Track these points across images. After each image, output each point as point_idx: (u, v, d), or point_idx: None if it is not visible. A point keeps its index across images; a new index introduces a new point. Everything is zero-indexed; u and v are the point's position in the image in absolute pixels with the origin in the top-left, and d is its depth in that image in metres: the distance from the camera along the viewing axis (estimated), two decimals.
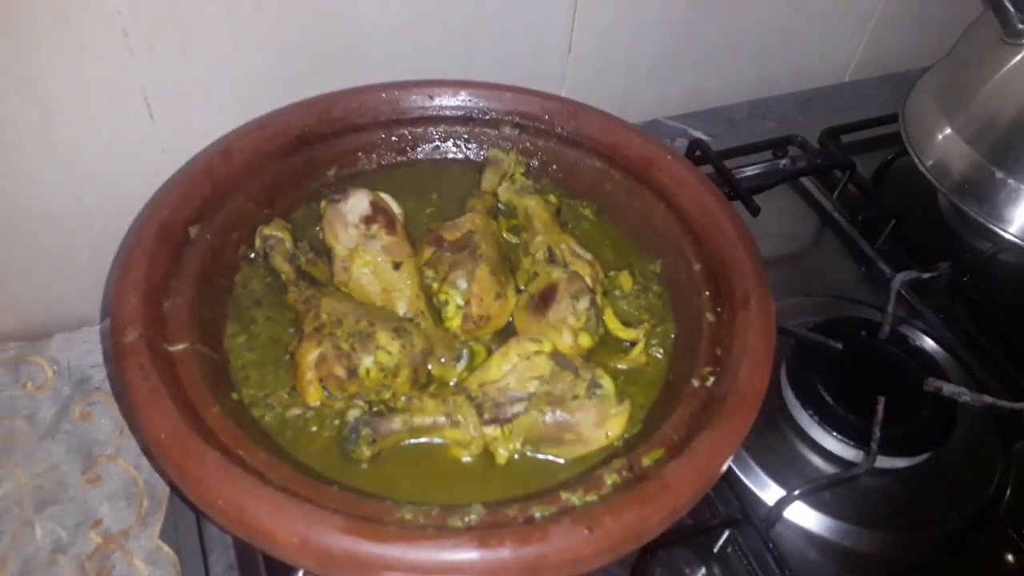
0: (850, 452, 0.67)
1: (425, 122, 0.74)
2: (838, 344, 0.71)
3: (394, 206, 0.67)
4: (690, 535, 0.61)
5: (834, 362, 0.71)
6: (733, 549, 0.62)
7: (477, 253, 0.64)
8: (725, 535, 0.61)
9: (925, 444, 0.67)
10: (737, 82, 1.05)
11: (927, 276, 0.79)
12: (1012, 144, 0.78)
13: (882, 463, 0.65)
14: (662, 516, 0.48)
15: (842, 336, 0.72)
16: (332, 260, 0.64)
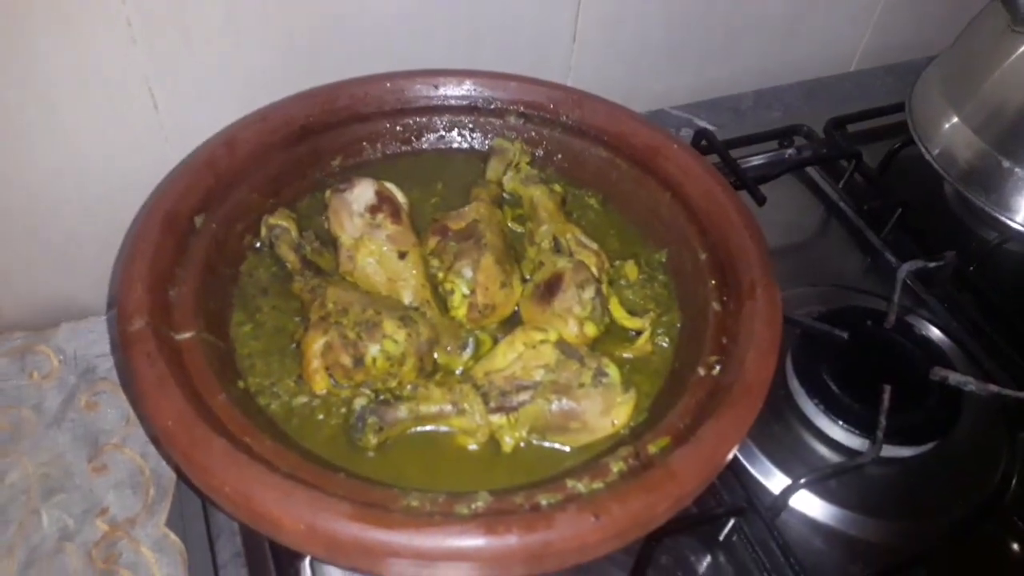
0: (856, 441, 0.67)
1: (430, 112, 0.74)
2: (844, 333, 0.71)
3: (399, 195, 0.67)
4: (696, 523, 0.61)
5: (840, 351, 0.71)
6: (739, 537, 0.62)
7: (482, 242, 0.64)
8: (731, 523, 0.61)
9: (931, 433, 0.67)
10: (742, 71, 1.05)
11: (933, 266, 0.78)
12: (1019, 133, 0.77)
13: (888, 452, 0.65)
14: (668, 504, 0.48)
15: (848, 325, 0.72)
16: (337, 249, 0.64)
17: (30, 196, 0.72)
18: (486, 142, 0.76)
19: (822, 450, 0.68)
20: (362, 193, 0.64)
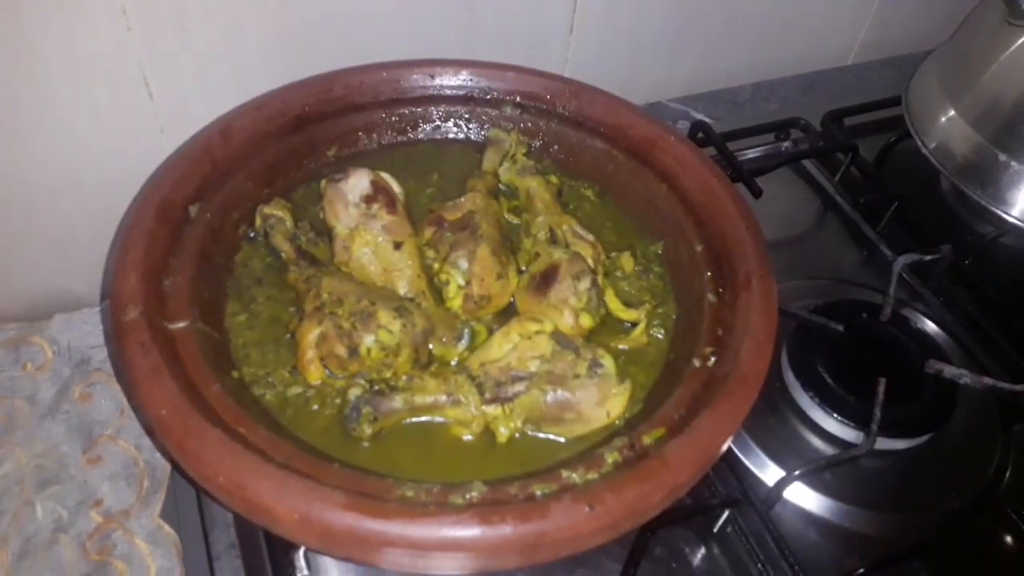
0: (850, 433, 0.67)
1: (426, 102, 0.74)
2: (839, 326, 0.71)
3: (395, 186, 0.67)
4: (690, 515, 0.61)
5: (835, 344, 0.71)
6: (733, 529, 0.62)
7: (478, 233, 0.64)
8: (725, 515, 0.61)
9: (926, 426, 0.67)
10: (740, 64, 1.04)
11: (929, 259, 0.78)
12: (1016, 127, 0.77)
13: (882, 444, 0.65)
14: (662, 494, 0.48)
15: (843, 318, 0.72)
16: (333, 240, 0.64)
17: (24, 187, 0.71)
18: (482, 133, 0.75)
19: (817, 442, 0.68)
20: (357, 183, 0.64)
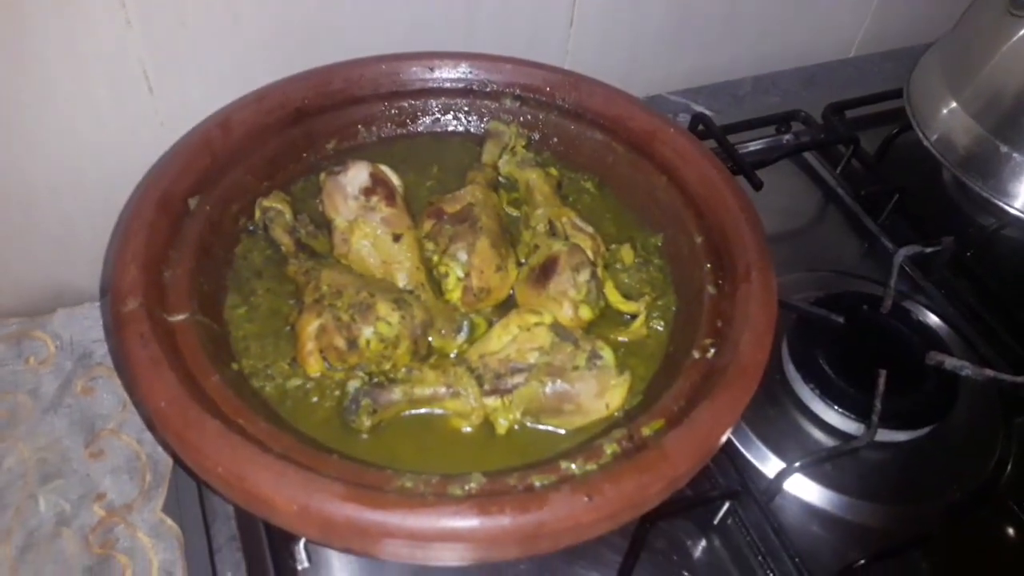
0: (851, 425, 0.67)
1: (425, 94, 0.74)
2: (840, 318, 0.71)
3: (394, 178, 0.66)
4: (690, 506, 0.61)
5: (836, 336, 0.71)
6: (733, 521, 0.62)
7: (477, 225, 0.64)
8: (725, 507, 0.61)
9: (927, 418, 0.67)
10: (741, 57, 1.04)
11: (930, 251, 0.78)
12: (1017, 118, 0.77)
13: (883, 436, 0.65)
14: (661, 485, 0.48)
15: (844, 310, 0.72)
16: (332, 232, 0.64)
17: (25, 182, 0.71)
18: (482, 125, 0.75)
19: (817, 435, 0.68)
20: (356, 175, 0.64)
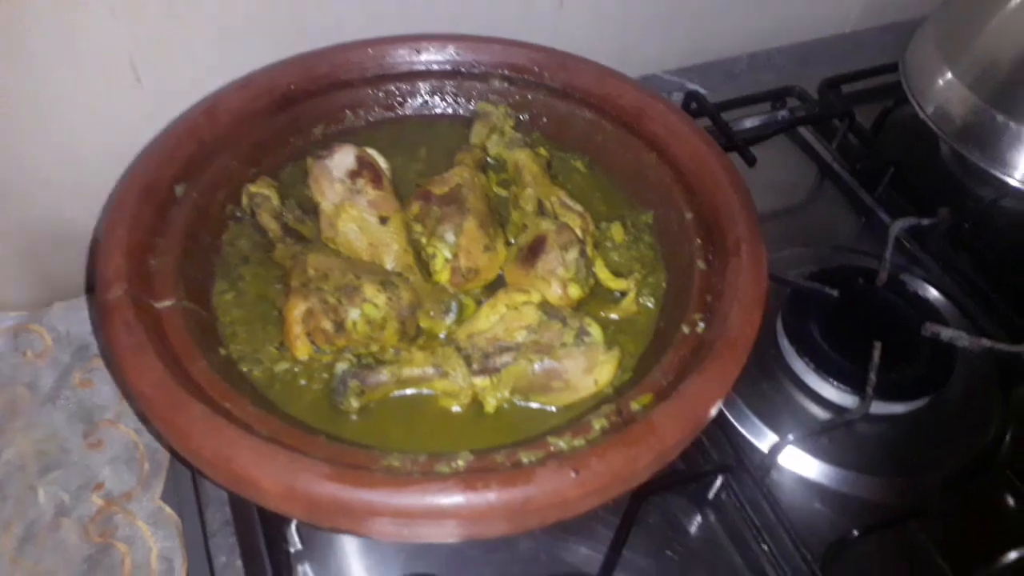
0: (847, 399, 0.66)
1: (413, 77, 0.73)
2: (834, 291, 0.70)
3: (381, 161, 0.66)
4: (683, 481, 0.61)
5: (830, 310, 0.70)
6: (728, 495, 0.61)
7: (465, 206, 0.63)
8: (719, 481, 0.61)
9: (923, 389, 0.66)
10: (736, 34, 1.03)
11: (926, 223, 0.77)
12: (1014, 86, 0.76)
13: (879, 408, 0.65)
14: (649, 459, 0.48)
15: (839, 284, 0.71)
16: (319, 216, 0.64)
17: (19, 176, 0.71)
18: (471, 107, 0.75)
19: (813, 409, 0.68)
20: (343, 159, 0.64)
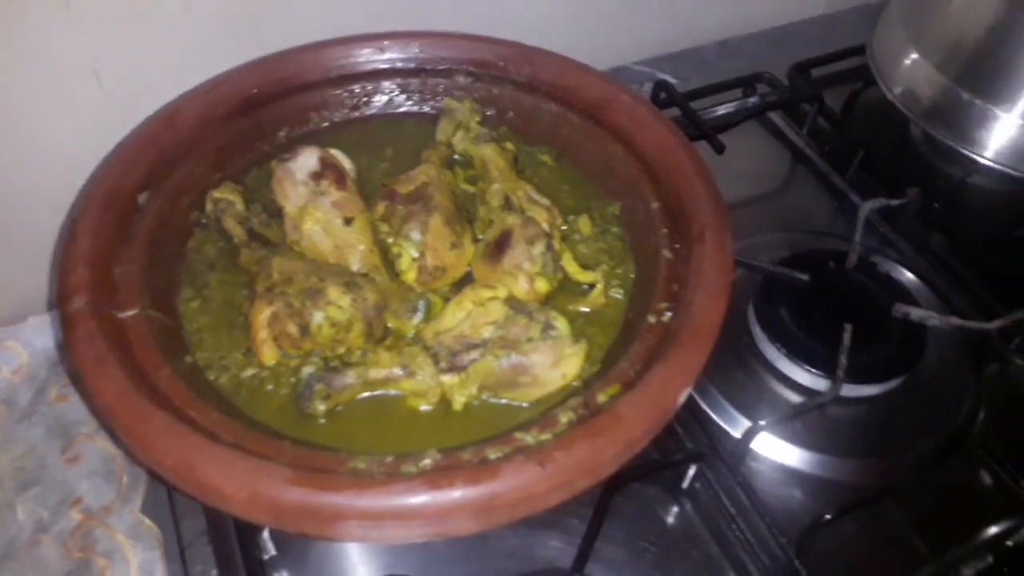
0: (820, 383, 0.66)
1: (377, 76, 0.73)
2: (804, 276, 0.70)
3: (345, 162, 0.66)
4: (655, 470, 0.60)
5: (801, 294, 0.70)
6: (702, 484, 0.61)
7: (431, 204, 0.63)
8: (692, 470, 0.61)
9: (894, 370, 0.66)
10: (706, 22, 1.03)
11: (896, 203, 0.77)
12: (979, 65, 0.76)
13: (850, 391, 0.65)
14: (616, 450, 0.48)
15: (809, 268, 0.71)
16: (284, 219, 0.64)
17: None
18: (436, 104, 0.74)
19: (787, 394, 0.67)
20: (306, 161, 0.63)
